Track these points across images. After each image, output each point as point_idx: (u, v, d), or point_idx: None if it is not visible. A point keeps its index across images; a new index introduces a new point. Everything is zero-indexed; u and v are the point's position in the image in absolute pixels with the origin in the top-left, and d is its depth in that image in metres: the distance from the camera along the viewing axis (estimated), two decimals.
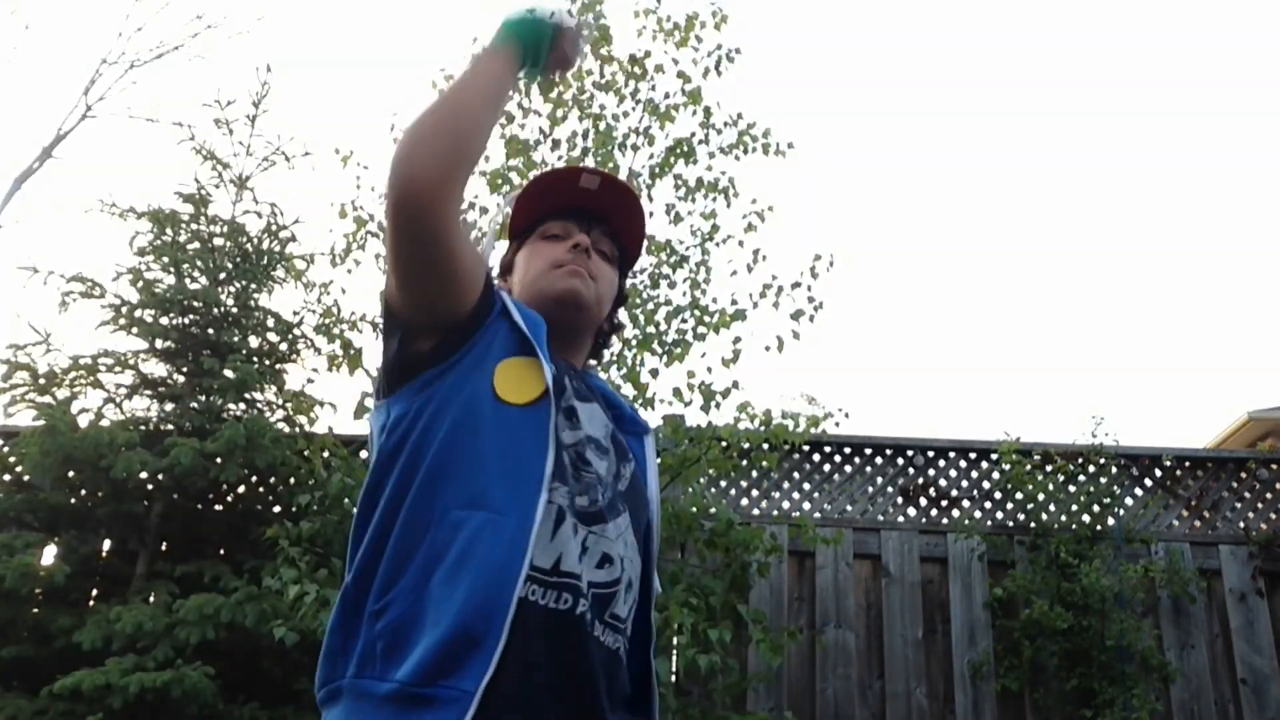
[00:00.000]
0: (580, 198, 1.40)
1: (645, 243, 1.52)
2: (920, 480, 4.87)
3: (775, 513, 4.71)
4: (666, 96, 4.37)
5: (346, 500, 4.13)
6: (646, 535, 1.31)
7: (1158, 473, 4.87)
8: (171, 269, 4.73)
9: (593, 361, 1.51)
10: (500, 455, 1.14)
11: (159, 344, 4.59)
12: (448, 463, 1.14)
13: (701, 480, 4.38)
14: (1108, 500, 4.69)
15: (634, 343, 4.09)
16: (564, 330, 1.35)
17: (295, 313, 4.82)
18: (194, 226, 4.85)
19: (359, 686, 1.08)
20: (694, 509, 4.10)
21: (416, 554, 1.11)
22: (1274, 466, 4.85)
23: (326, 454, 4.32)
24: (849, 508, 4.80)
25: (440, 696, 1.02)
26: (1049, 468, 4.77)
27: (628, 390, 4.08)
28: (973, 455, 4.90)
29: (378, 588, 1.12)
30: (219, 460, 4.12)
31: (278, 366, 4.74)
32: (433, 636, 1.05)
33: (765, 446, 4.16)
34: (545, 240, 1.39)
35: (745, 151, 4.34)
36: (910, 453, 4.91)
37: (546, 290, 1.35)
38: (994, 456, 4.83)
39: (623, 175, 4.29)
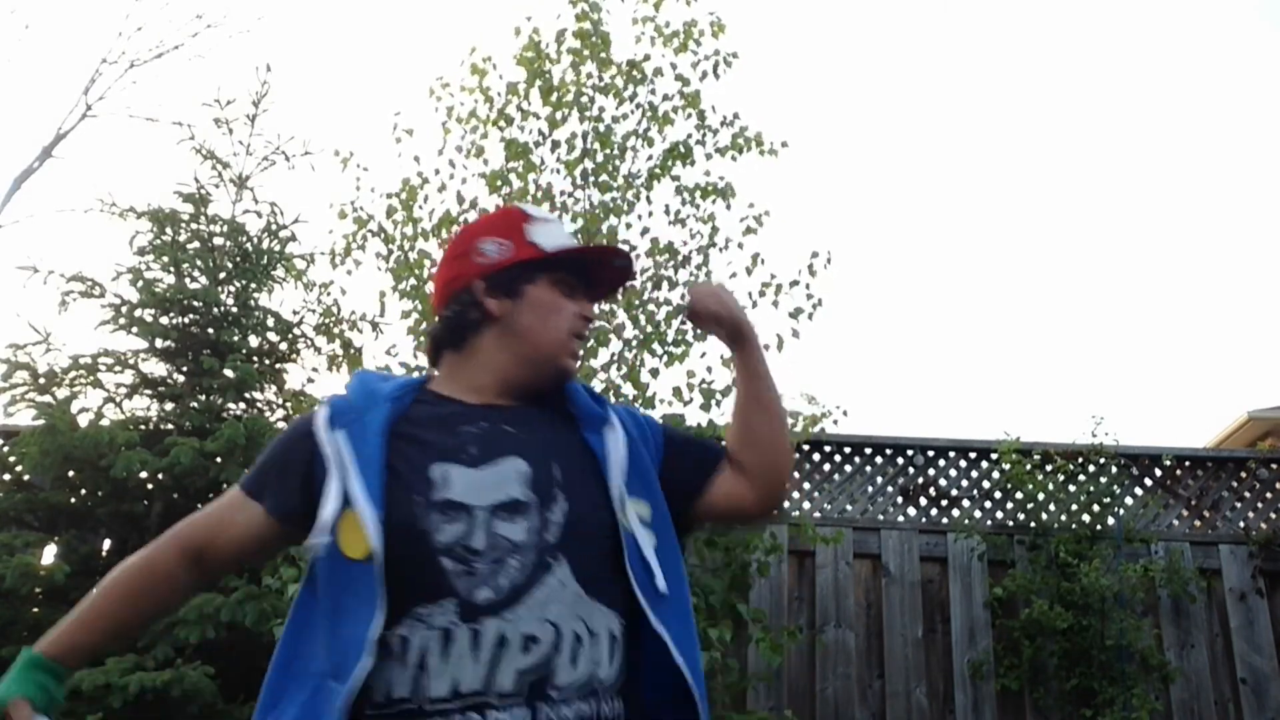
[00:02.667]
0: (594, 265, 1.42)
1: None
2: (920, 480, 4.87)
3: (775, 512, 4.70)
4: (665, 99, 4.37)
5: None
6: (616, 547, 1.23)
7: (1158, 472, 4.87)
8: (171, 268, 4.73)
9: None
10: (335, 616, 1.17)
11: (159, 343, 4.58)
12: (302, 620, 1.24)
13: None
14: (1108, 500, 4.69)
15: (634, 343, 4.09)
16: (536, 389, 1.37)
17: (295, 312, 4.82)
18: (194, 226, 4.85)
19: None
20: None
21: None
22: (1274, 466, 4.85)
23: None
24: (849, 507, 4.80)
25: None
26: (1049, 467, 4.77)
27: (628, 390, 4.08)
28: (973, 455, 4.90)
29: None
30: (219, 460, 4.12)
31: (278, 366, 4.74)
32: None
33: None
34: (562, 292, 1.38)
35: (740, 153, 4.35)
36: (910, 452, 4.91)
37: (552, 360, 1.36)
38: (994, 456, 4.83)
39: (621, 177, 4.29)
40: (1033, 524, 4.69)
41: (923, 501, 4.83)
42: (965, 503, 4.83)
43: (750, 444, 1.38)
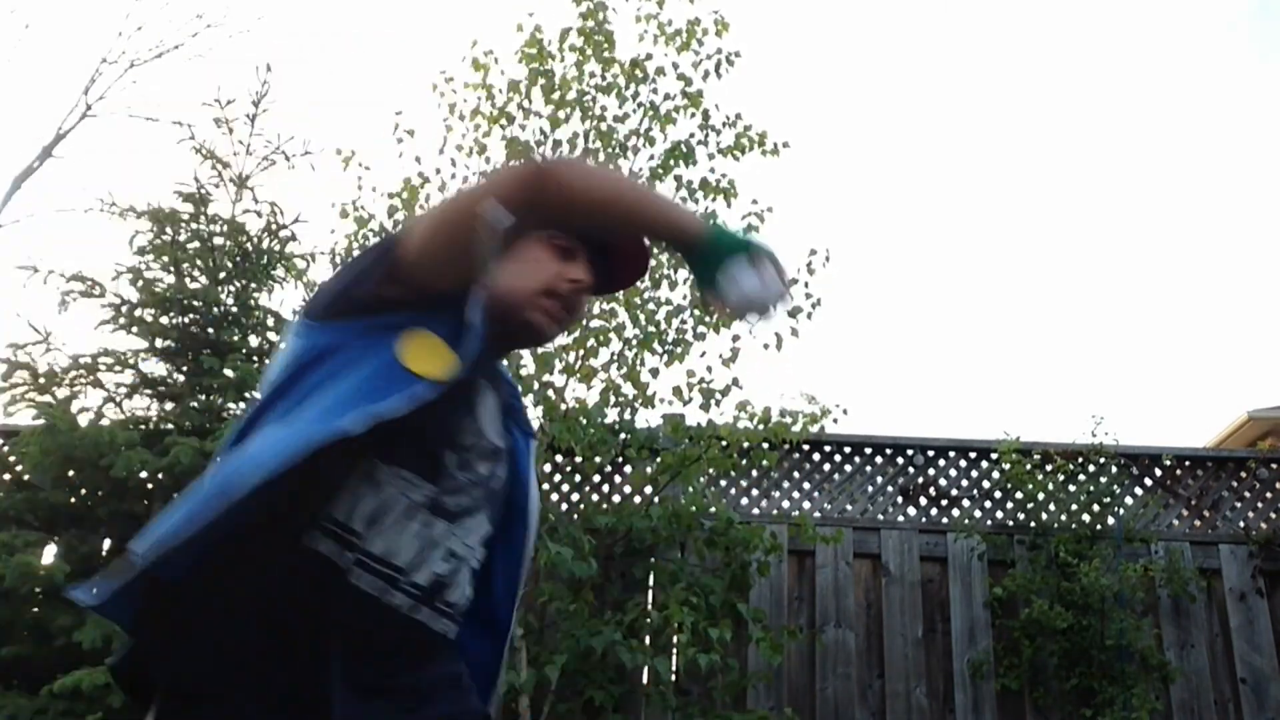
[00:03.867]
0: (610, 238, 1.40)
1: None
2: (920, 480, 4.86)
3: (775, 512, 4.71)
4: (667, 99, 4.38)
5: None
6: (510, 529, 1.38)
7: (1158, 472, 4.87)
8: (171, 268, 4.73)
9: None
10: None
11: (159, 343, 4.58)
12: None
13: (701, 479, 4.39)
14: (1108, 500, 4.69)
15: (634, 342, 4.10)
16: (509, 345, 1.43)
17: (295, 312, 4.81)
18: (194, 226, 4.84)
19: None
20: (694, 508, 4.10)
21: None
22: (1274, 466, 4.85)
23: None
24: (849, 507, 4.80)
25: None
26: (1049, 467, 4.77)
27: (628, 389, 4.09)
28: (973, 455, 4.90)
29: None
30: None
31: None
32: None
33: (765, 445, 4.16)
34: (551, 248, 1.35)
35: (743, 152, 4.35)
36: (910, 452, 4.91)
37: (521, 313, 1.33)
38: (994, 456, 4.82)
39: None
40: (1033, 524, 4.69)
41: (923, 501, 4.83)
42: (965, 503, 4.83)
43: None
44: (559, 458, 4.51)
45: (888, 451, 4.91)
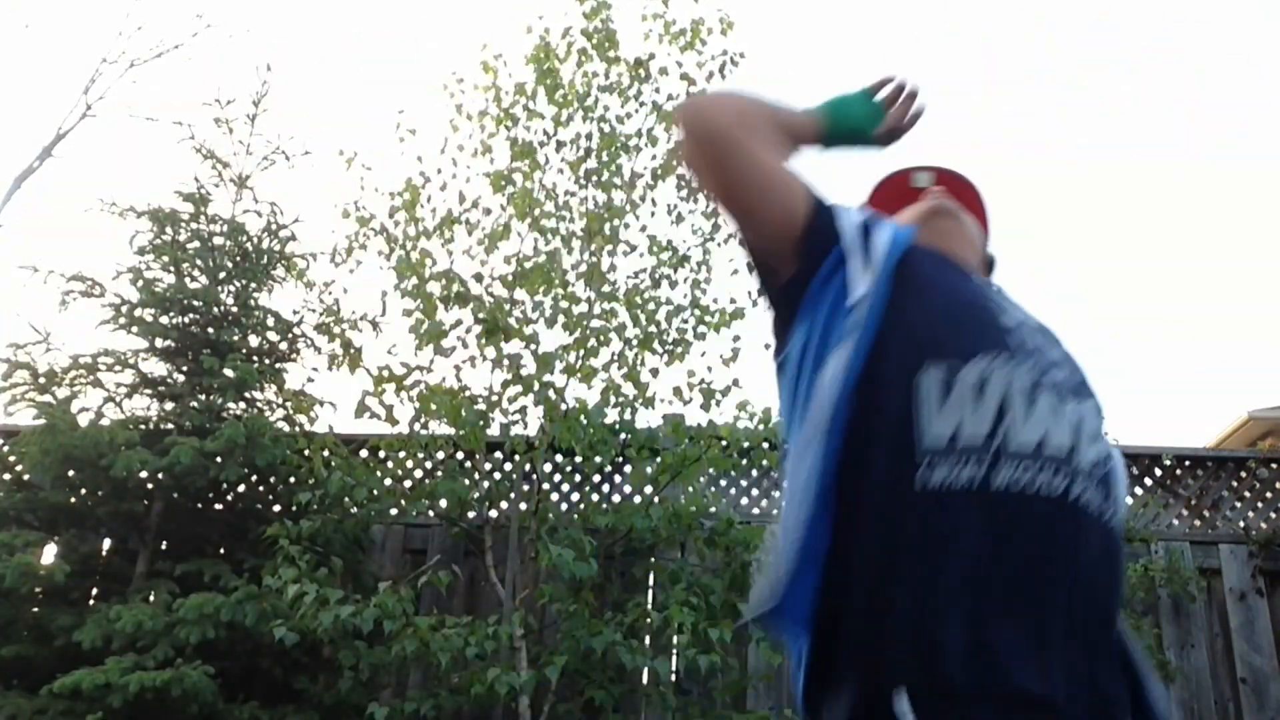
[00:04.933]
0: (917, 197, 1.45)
1: (988, 226, 1.56)
2: None
3: (775, 512, 4.71)
4: (670, 98, 4.38)
5: (346, 499, 4.13)
6: None
7: (1158, 472, 4.87)
8: (171, 268, 4.73)
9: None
10: None
11: (159, 343, 4.58)
12: None
13: (701, 479, 4.39)
14: None
15: (634, 342, 4.10)
16: None
17: (295, 311, 4.82)
18: (194, 225, 4.84)
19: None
20: (694, 508, 4.10)
21: None
22: (1274, 466, 4.85)
23: (326, 453, 4.32)
24: None
25: None
26: None
27: (628, 389, 4.08)
28: None
29: None
30: (219, 459, 4.12)
31: (278, 365, 4.74)
32: None
33: (765, 445, 4.16)
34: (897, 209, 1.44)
35: None
36: None
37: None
38: None
39: (625, 176, 4.29)
40: None
41: None
42: None
43: None
44: (559, 457, 4.51)
45: None
